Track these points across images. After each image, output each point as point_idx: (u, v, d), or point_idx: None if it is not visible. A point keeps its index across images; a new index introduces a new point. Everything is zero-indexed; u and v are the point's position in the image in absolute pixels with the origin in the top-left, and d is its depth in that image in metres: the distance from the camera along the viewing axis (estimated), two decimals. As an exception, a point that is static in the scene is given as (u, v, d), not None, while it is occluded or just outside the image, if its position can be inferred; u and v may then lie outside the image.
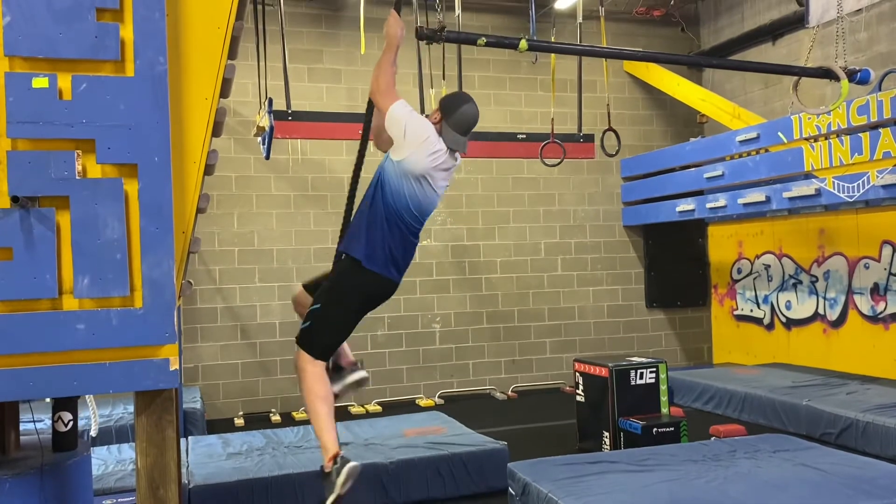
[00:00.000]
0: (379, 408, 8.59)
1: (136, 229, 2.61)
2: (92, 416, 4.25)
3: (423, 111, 7.20)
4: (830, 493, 3.98)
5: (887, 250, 7.52)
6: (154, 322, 2.62)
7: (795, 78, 5.19)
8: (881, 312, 7.60)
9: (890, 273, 7.49)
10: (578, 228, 9.94)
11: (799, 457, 4.70)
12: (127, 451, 5.47)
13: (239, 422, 8.10)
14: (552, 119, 7.64)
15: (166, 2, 2.66)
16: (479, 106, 3.83)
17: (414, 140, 3.55)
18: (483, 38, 3.80)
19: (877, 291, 7.64)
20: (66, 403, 3.23)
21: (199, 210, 2.98)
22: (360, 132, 3.71)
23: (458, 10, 7.00)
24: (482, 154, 9.26)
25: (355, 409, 8.53)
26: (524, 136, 9.52)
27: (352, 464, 3.44)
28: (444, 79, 7.81)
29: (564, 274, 9.87)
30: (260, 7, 6.71)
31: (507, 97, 9.65)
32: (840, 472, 4.32)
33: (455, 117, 3.65)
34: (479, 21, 9.49)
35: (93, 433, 4.38)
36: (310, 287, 3.93)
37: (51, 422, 3.23)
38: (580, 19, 7.19)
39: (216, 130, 2.97)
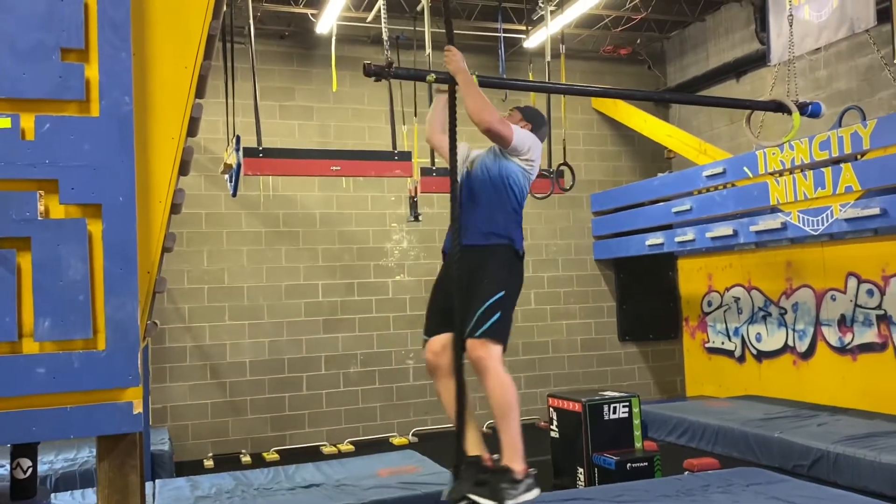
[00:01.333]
0: (352, 447, 8.47)
1: (100, 270, 2.57)
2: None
3: (394, 147, 7.26)
4: (803, 527, 3.99)
5: (852, 282, 7.65)
6: (117, 364, 2.56)
7: (748, 112, 5.32)
8: (849, 344, 7.70)
9: (856, 305, 7.61)
10: (551, 262, 9.99)
11: (771, 490, 4.70)
12: (91, 497, 5.31)
13: (208, 463, 7.93)
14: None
15: (133, 41, 2.66)
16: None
17: (537, 152, 3.90)
18: (433, 74, 3.87)
19: (844, 323, 7.75)
20: (26, 450, 3.14)
21: (166, 249, 2.94)
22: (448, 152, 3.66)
23: (428, 49, 7.08)
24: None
25: (327, 450, 8.40)
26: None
27: (537, 489, 3.41)
28: (415, 115, 7.89)
29: (538, 308, 9.89)
30: (230, 45, 6.74)
31: (480, 134, 9.73)
32: (812, 505, 4.32)
33: (542, 130, 4.07)
34: (449, 59, 9.59)
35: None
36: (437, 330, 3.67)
37: (9, 469, 3.13)
38: (548, 58, 7.31)
39: (183, 169, 2.94)
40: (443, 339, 3.60)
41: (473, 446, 3.55)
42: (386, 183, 9.14)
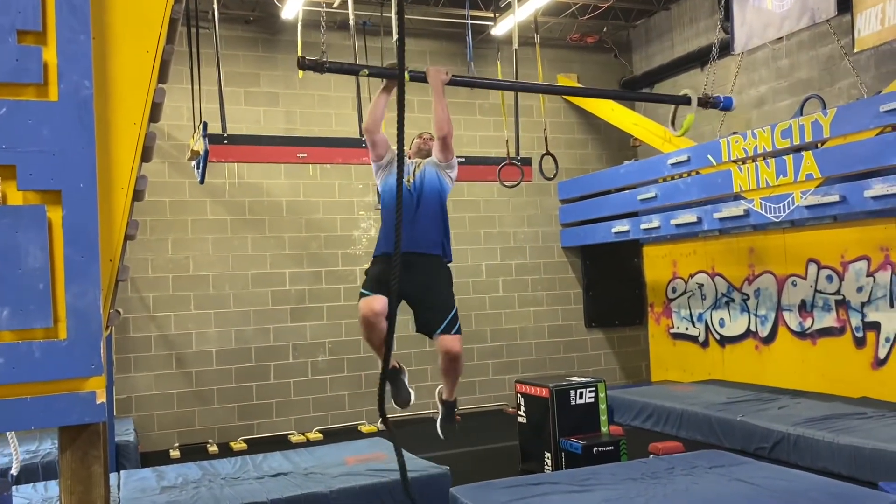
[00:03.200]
0: (320, 435, 8.46)
1: (60, 258, 2.52)
2: (13, 455, 4.05)
3: (361, 134, 7.21)
4: (764, 507, 4.08)
5: (812, 268, 7.81)
6: (79, 354, 2.52)
7: (674, 108, 5.63)
8: (809, 328, 7.88)
9: (816, 290, 7.78)
10: (519, 250, 10.04)
11: (734, 472, 4.80)
12: (54, 489, 5.23)
13: (174, 453, 7.86)
14: (507, 141, 7.68)
15: (92, 24, 2.60)
16: (417, 130, 4.13)
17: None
18: (365, 70, 4.00)
19: (804, 308, 7.92)
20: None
21: (129, 237, 2.89)
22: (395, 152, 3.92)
23: (395, 35, 7.03)
24: (422, 177, 9.29)
25: (296, 438, 8.37)
26: (463, 159, 9.53)
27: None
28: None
29: (506, 295, 9.94)
30: (194, 30, 6.62)
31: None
32: (773, 486, 4.43)
33: None
34: (418, 46, 9.57)
35: (14, 472, 4.17)
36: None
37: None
38: (516, 45, 7.31)
39: (146, 155, 2.89)
40: (384, 303, 4.09)
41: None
42: (353, 170, 9.09)
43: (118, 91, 2.72)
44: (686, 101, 5.33)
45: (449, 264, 4.46)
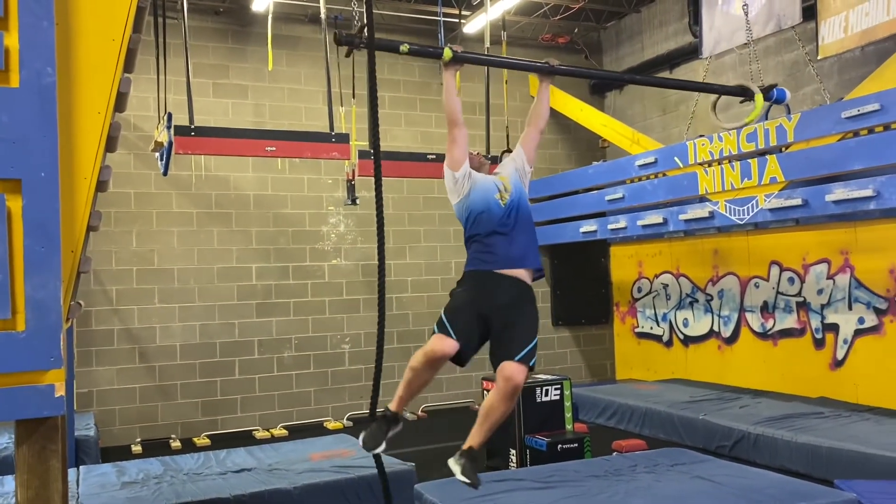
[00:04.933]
0: (285, 431, 8.40)
1: (20, 248, 2.46)
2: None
3: (332, 129, 7.17)
4: (723, 504, 4.15)
5: (775, 270, 7.95)
6: (38, 346, 2.47)
7: (715, 98, 5.34)
8: (770, 329, 8.02)
9: (778, 292, 7.92)
10: (487, 248, 10.05)
11: (695, 469, 4.88)
12: (10, 483, 5.12)
13: (136, 449, 7.75)
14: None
15: (56, 10, 2.54)
16: (389, 126, 3.93)
17: None
18: (406, 45, 3.70)
19: (766, 309, 8.07)
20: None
21: (91, 228, 2.84)
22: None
23: (366, 32, 6.98)
24: (392, 174, 9.22)
25: (260, 434, 8.31)
26: (434, 156, 9.57)
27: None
28: (353, 97, 7.81)
29: (473, 293, 9.94)
30: (161, 19, 6.53)
31: (418, 118, 9.72)
32: (733, 484, 4.50)
33: None
34: (388, 37, 9.51)
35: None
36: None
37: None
38: (487, 44, 7.33)
39: (110, 146, 2.84)
40: (454, 349, 3.81)
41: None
42: (323, 165, 9.04)
43: (82, 79, 2.67)
44: (750, 95, 4.91)
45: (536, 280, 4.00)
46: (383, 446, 3.92)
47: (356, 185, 7.87)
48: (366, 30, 3.57)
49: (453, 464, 3.89)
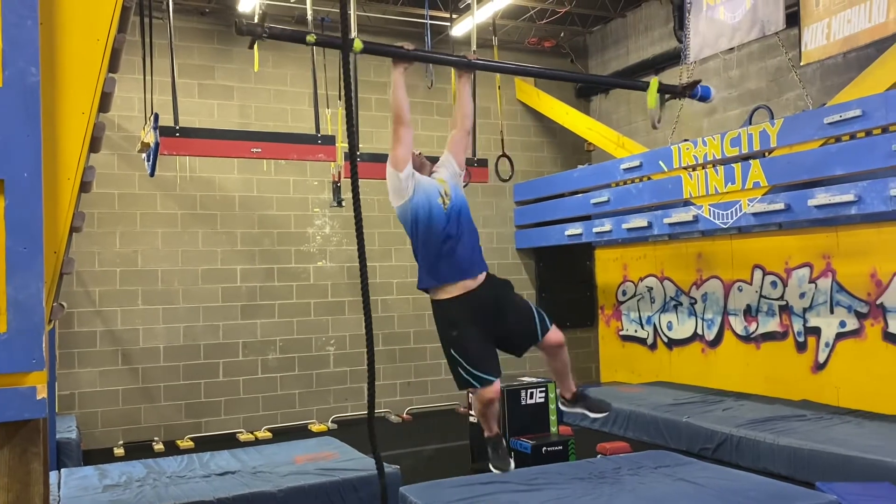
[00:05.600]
0: (269, 434, 8.37)
1: (2, 249, 2.44)
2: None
3: (317, 130, 7.16)
4: (706, 506, 4.18)
5: (758, 274, 8.02)
6: (20, 348, 2.45)
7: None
8: (753, 332, 8.09)
9: (761, 295, 7.99)
10: (473, 251, 10.06)
11: (678, 472, 4.91)
12: None
13: (119, 451, 7.69)
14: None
15: (41, 10, 2.53)
16: (375, 129, 3.92)
17: None
18: (312, 35, 3.56)
19: (749, 313, 8.13)
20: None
21: (74, 229, 2.82)
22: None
23: (353, 33, 7.00)
24: (378, 175, 9.23)
25: (244, 437, 8.27)
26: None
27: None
28: (340, 99, 7.80)
29: (459, 296, 9.95)
30: (147, 19, 6.49)
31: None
32: (715, 486, 4.54)
33: None
34: (375, 41, 9.51)
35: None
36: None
37: None
38: (474, 47, 7.34)
39: (94, 146, 2.83)
40: (496, 386, 3.95)
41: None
42: (308, 167, 9.02)
43: (66, 79, 2.65)
44: (644, 87, 4.99)
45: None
46: (512, 463, 4.16)
47: (342, 187, 7.86)
48: (266, 20, 3.53)
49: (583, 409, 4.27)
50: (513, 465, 4.17)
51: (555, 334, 4.01)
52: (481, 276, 3.99)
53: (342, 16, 2.92)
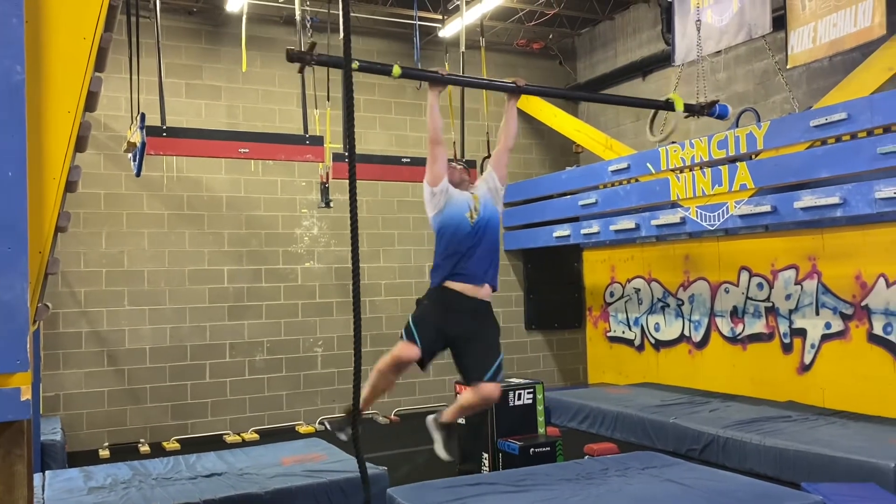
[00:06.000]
0: (256, 436, 8.33)
1: (-14, 249, 2.42)
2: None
3: (306, 131, 7.15)
4: (693, 507, 4.20)
5: (745, 276, 8.07)
6: (4, 348, 2.42)
7: (652, 113, 5.51)
8: (740, 334, 8.13)
9: (747, 297, 8.04)
10: (461, 252, 10.06)
11: (665, 473, 4.92)
12: None
13: (104, 453, 7.63)
14: (454, 143, 7.74)
15: (26, 7, 2.50)
16: (364, 129, 4.10)
17: None
18: (356, 62, 3.80)
19: (736, 314, 8.17)
20: None
21: (60, 229, 2.80)
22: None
23: (342, 33, 6.98)
24: (367, 177, 9.20)
25: (231, 438, 8.23)
26: (409, 160, 9.57)
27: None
28: (328, 100, 7.79)
29: (447, 297, 9.95)
30: (134, 18, 6.46)
31: (393, 121, 9.71)
32: (702, 486, 4.55)
33: None
34: (365, 45, 9.52)
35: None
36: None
37: None
38: (463, 48, 7.35)
39: (80, 145, 2.81)
40: (416, 356, 4.35)
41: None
42: (297, 167, 9.00)
43: (52, 78, 2.63)
44: (670, 106, 5.22)
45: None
46: (345, 435, 4.38)
47: (330, 188, 7.84)
48: (315, 48, 3.88)
49: (434, 429, 4.52)
50: (344, 438, 4.37)
51: (494, 391, 4.28)
52: (483, 291, 4.35)
53: (344, 40, 3.10)
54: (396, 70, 4.04)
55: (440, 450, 4.45)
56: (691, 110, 5.27)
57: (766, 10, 6.94)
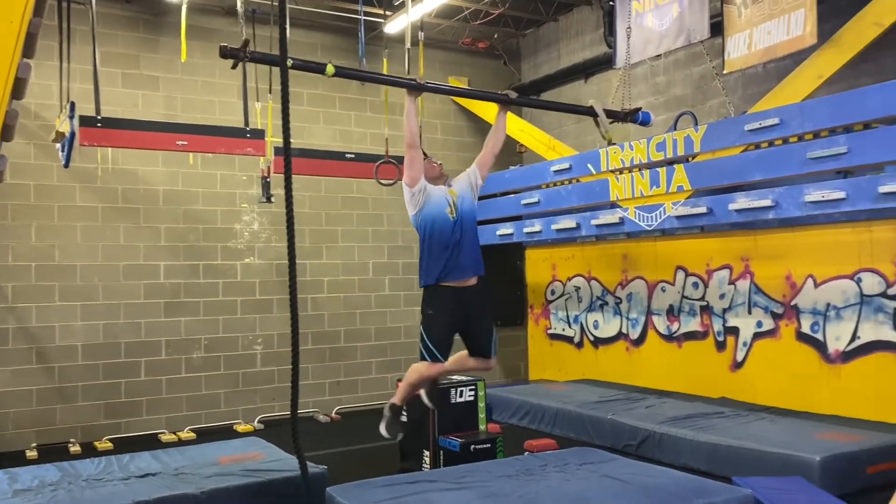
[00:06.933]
0: (193, 435, 8.16)
1: None
2: None
3: (246, 124, 7.02)
4: (629, 502, 4.28)
5: (680, 275, 8.27)
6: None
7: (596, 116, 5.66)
8: (675, 332, 8.33)
9: (683, 296, 8.24)
10: (406, 249, 10.06)
11: (603, 468, 5.01)
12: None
13: (31, 454, 7.36)
14: (386, 139, 7.72)
15: (-52, -11, 2.39)
16: (306, 124, 4.17)
17: None
18: (291, 60, 3.79)
19: (672, 312, 8.37)
20: None
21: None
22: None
23: (287, 25, 6.87)
24: (309, 172, 9.10)
25: (166, 437, 8.04)
26: (353, 155, 9.49)
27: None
28: (270, 92, 7.67)
29: (392, 294, 9.94)
30: (66, 4, 6.24)
31: (337, 116, 9.62)
32: (638, 482, 4.64)
33: None
34: (309, 38, 9.41)
35: None
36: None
37: None
38: (408, 44, 7.33)
39: (6, 134, 2.70)
40: (442, 368, 5.00)
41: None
42: (237, 161, 8.83)
43: (-24, 63, 2.52)
44: (592, 112, 5.49)
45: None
46: (401, 435, 5.22)
47: (271, 183, 7.73)
48: (248, 45, 4.02)
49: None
50: (401, 437, 5.19)
51: (493, 364, 5.07)
52: (474, 280, 4.86)
53: (281, 39, 3.15)
54: (330, 69, 4.09)
55: (425, 398, 5.25)
56: (615, 116, 5.49)
57: (705, 16, 7.12)
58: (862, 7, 6.17)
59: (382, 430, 5.08)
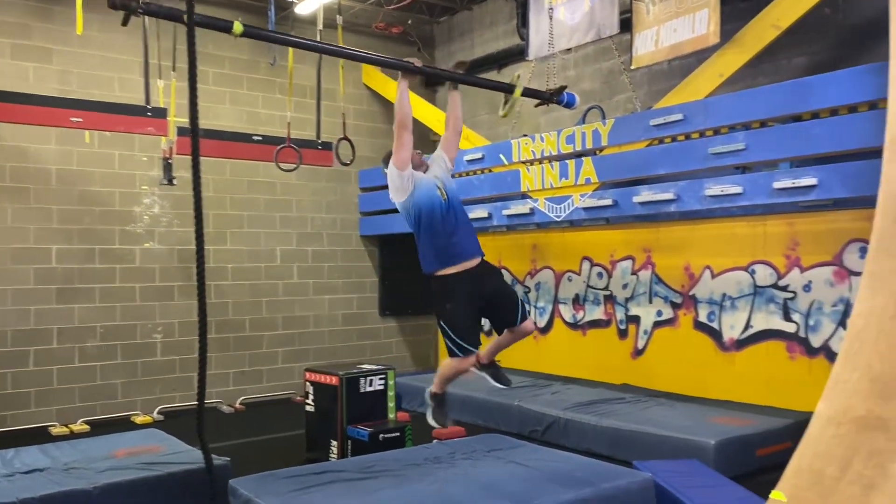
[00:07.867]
0: (87, 427, 7.77)
1: None
2: None
3: (147, 102, 6.70)
4: (536, 487, 4.34)
5: (586, 265, 8.46)
6: None
7: (504, 95, 5.61)
8: (580, 320, 8.53)
9: (588, 285, 8.43)
10: (316, 236, 9.89)
11: (510, 455, 5.07)
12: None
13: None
14: (288, 123, 7.55)
15: None
16: (213, 104, 3.92)
17: None
18: (239, 23, 3.45)
19: (577, 301, 8.56)
20: None
21: None
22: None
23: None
24: (214, 154, 8.83)
25: (57, 430, 7.63)
26: (260, 138, 9.26)
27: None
28: (173, 70, 7.35)
29: (300, 282, 9.75)
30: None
31: (244, 97, 9.32)
32: (544, 468, 4.73)
33: None
34: (218, 14, 9.03)
35: None
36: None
37: None
38: (320, 26, 7.17)
39: None
40: (475, 360, 4.89)
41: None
42: (137, 141, 8.42)
43: None
44: (511, 90, 5.34)
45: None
46: (450, 421, 5.15)
47: (174, 164, 7.41)
48: None
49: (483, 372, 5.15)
50: (450, 423, 5.14)
51: (528, 324, 4.82)
52: (477, 260, 4.70)
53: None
54: (238, 27, 3.74)
55: (430, 419, 5.10)
56: (541, 97, 5.48)
57: (615, 12, 7.27)
58: (762, 10, 6.44)
59: (429, 419, 5.01)
